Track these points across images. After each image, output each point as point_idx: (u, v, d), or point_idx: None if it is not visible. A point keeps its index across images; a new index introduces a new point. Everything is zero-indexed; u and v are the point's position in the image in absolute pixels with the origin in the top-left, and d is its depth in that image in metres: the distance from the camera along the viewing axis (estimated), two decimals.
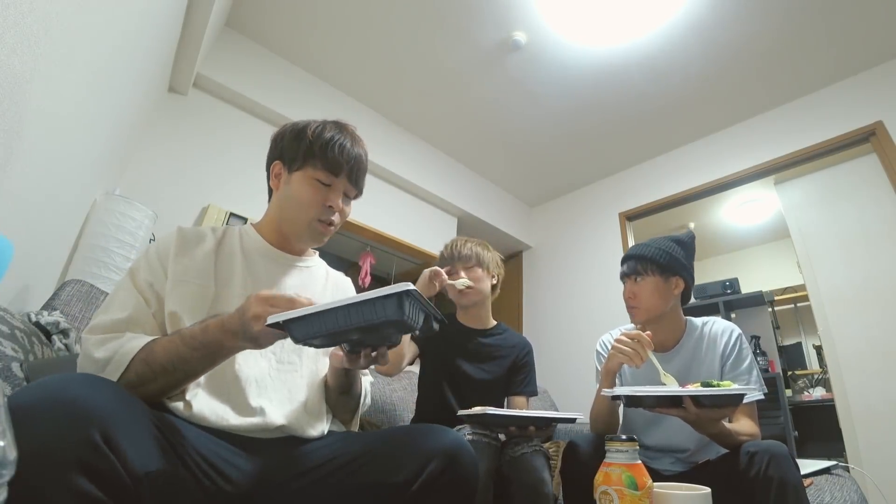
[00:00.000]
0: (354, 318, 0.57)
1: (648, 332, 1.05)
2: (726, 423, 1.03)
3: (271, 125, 2.43)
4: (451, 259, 1.37)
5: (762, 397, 1.10)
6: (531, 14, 2.16)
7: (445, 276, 1.23)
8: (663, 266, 1.19)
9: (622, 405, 1.17)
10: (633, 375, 1.23)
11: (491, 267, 1.40)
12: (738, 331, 1.20)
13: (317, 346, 0.66)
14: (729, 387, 0.90)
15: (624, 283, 1.28)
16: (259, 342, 0.61)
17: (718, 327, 1.21)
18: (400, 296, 0.55)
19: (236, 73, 2.27)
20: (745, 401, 1.08)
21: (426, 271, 1.22)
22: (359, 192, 0.93)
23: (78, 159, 1.24)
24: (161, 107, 2.07)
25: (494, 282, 1.43)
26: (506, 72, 2.51)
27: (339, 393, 0.85)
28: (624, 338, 1.04)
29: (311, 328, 0.58)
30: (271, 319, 0.58)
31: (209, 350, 0.62)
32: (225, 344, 0.62)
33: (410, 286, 0.55)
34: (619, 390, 0.98)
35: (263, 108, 2.35)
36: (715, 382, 0.93)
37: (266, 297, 0.60)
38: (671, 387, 0.98)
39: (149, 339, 0.66)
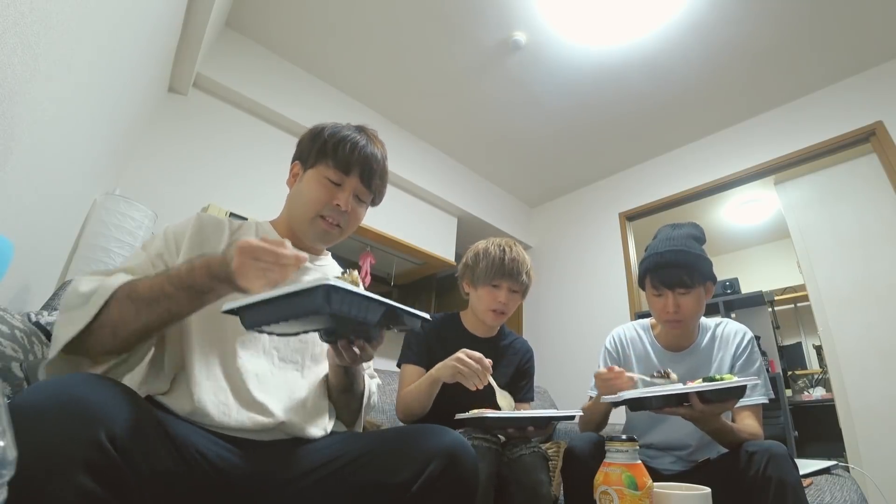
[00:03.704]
0: (287, 309, 0.55)
1: (611, 367, 1.05)
2: (729, 422, 1.04)
3: (271, 125, 2.43)
4: (505, 274, 1.25)
5: (767, 401, 1.10)
6: (531, 14, 2.16)
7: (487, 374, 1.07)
8: (706, 274, 1.11)
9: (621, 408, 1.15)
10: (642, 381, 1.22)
11: (527, 294, 1.34)
12: (749, 333, 1.18)
13: (278, 335, 0.66)
14: (731, 379, 0.90)
15: (657, 291, 1.14)
16: (246, 291, 0.59)
17: (731, 328, 1.20)
18: (324, 288, 0.52)
19: (236, 73, 2.26)
20: (751, 402, 1.08)
21: (477, 358, 1.06)
22: (374, 195, 0.92)
23: (78, 159, 1.24)
24: (161, 107, 2.07)
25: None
26: (506, 72, 2.51)
27: (339, 391, 0.85)
28: (605, 382, 1.03)
29: (256, 317, 0.58)
30: (226, 307, 0.59)
31: (198, 290, 0.60)
32: (214, 288, 0.60)
33: (331, 280, 0.52)
34: (625, 394, 0.96)
35: (263, 108, 2.35)
36: (718, 377, 0.93)
37: (249, 249, 0.57)
38: (675, 385, 0.97)
39: (134, 278, 0.64)
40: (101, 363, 0.64)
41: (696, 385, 0.90)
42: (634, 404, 0.97)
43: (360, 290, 0.57)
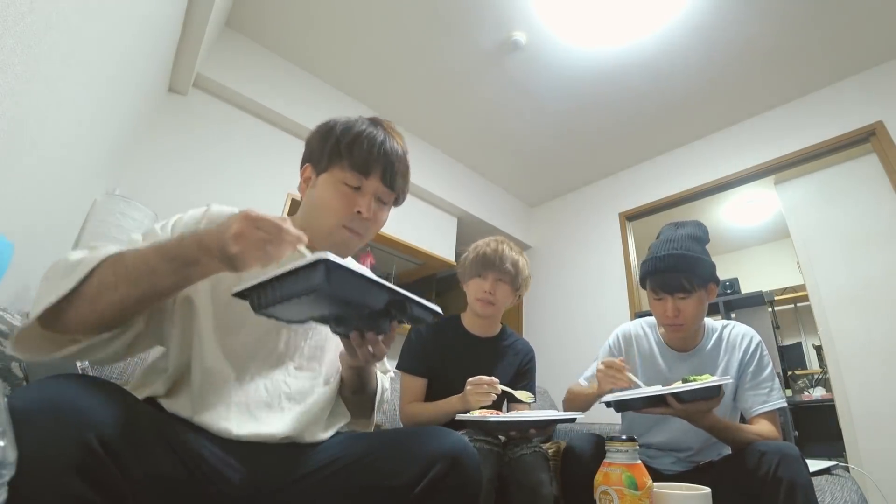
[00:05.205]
0: (289, 286, 0.53)
1: (621, 358, 1.07)
2: (731, 421, 1.05)
3: (271, 125, 2.43)
4: (489, 264, 1.30)
5: (783, 405, 1.10)
6: (531, 14, 2.16)
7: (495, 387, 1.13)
8: (707, 277, 1.10)
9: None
10: (646, 374, 1.22)
11: (521, 289, 1.36)
12: (757, 338, 1.17)
13: (286, 321, 0.63)
14: (706, 379, 0.93)
15: (657, 296, 1.13)
16: (235, 265, 0.54)
17: (738, 332, 1.19)
18: (323, 263, 0.50)
19: (236, 73, 2.26)
20: (767, 409, 1.08)
21: (477, 381, 1.13)
22: (397, 196, 0.82)
23: (78, 159, 1.24)
24: (161, 107, 2.07)
25: (516, 302, 1.40)
26: (506, 72, 2.51)
27: (352, 392, 0.84)
28: (607, 370, 1.05)
29: (262, 298, 0.56)
30: (236, 289, 0.57)
31: (182, 262, 0.56)
32: (200, 260, 0.55)
33: (329, 255, 0.50)
34: (609, 397, 1.01)
35: (263, 108, 2.35)
36: (692, 378, 0.96)
37: (253, 218, 0.54)
38: (653, 387, 1.00)
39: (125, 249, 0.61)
40: (79, 339, 0.59)
41: (670, 387, 0.94)
42: (619, 405, 1.01)
43: (365, 271, 0.55)
